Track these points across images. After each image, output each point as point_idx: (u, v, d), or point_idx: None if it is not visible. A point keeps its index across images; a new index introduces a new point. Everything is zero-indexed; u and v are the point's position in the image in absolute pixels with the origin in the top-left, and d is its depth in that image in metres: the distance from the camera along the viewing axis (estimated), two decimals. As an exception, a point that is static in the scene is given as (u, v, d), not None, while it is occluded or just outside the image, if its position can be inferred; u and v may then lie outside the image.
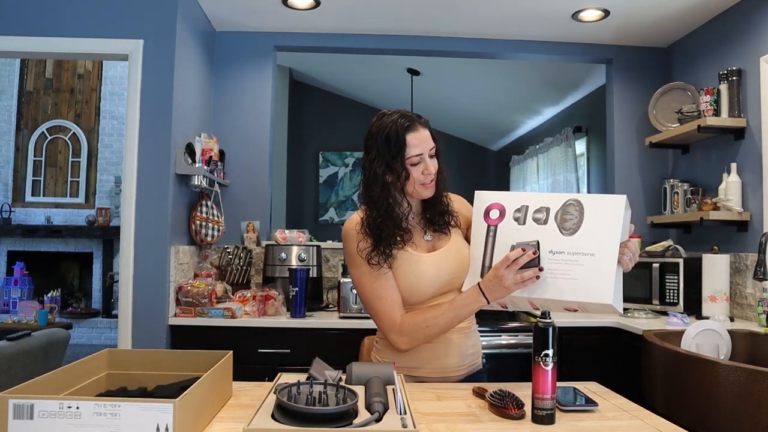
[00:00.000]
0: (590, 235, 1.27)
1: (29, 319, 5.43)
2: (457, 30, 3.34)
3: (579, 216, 1.29)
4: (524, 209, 1.36)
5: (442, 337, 1.46)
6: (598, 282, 1.23)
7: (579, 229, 1.28)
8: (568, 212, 1.30)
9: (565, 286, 1.26)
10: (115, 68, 6.71)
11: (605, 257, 1.24)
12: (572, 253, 1.27)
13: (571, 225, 1.29)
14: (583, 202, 1.30)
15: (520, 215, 1.36)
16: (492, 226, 1.39)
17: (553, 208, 1.33)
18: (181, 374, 1.23)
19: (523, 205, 1.36)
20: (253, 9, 3.08)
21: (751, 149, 2.71)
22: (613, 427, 1.11)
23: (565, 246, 1.28)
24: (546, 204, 1.34)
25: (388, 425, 0.97)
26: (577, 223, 1.29)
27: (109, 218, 6.52)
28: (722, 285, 2.61)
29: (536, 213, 1.34)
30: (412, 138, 1.41)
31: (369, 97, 6.95)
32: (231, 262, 3.11)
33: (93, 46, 2.72)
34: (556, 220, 1.31)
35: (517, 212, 1.36)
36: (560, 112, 5.76)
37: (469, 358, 1.52)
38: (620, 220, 1.25)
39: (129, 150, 2.67)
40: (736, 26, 2.85)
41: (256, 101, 3.37)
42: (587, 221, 1.28)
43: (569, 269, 1.27)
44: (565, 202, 1.32)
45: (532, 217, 1.34)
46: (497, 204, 1.39)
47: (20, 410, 0.88)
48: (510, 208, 1.38)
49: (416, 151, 1.41)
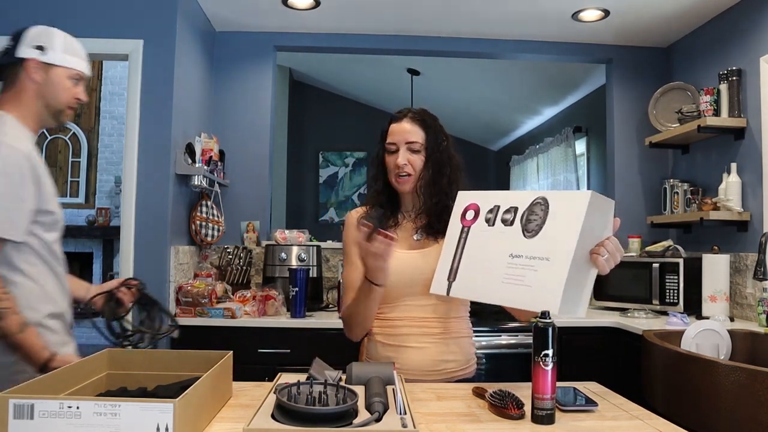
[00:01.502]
0: (549, 236, 1.19)
1: (29, 319, 5.43)
2: (457, 30, 3.34)
3: (543, 216, 1.22)
4: (496, 210, 1.31)
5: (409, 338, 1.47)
6: (547, 290, 1.15)
7: (540, 231, 1.22)
8: (534, 212, 1.24)
9: (517, 293, 1.20)
10: (115, 68, 6.71)
11: (559, 262, 1.15)
12: (530, 258, 1.21)
13: (534, 227, 1.23)
14: (549, 200, 1.22)
15: (491, 216, 1.32)
16: (465, 228, 1.35)
17: (521, 208, 1.27)
18: (181, 374, 1.23)
19: (496, 205, 1.32)
20: (253, 9, 3.08)
21: (751, 149, 2.71)
22: (613, 427, 1.11)
23: (524, 249, 1.22)
24: (515, 203, 1.29)
25: (388, 425, 0.97)
26: (539, 224, 1.22)
27: (109, 218, 6.52)
28: (722, 285, 2.61)
29: (505, 213, 1.29)
30: (393, 127, 1.50)
31: (369, 97, 6.95)
32: (231, 262, 3.11)
33: (93, 46, 2.72)
34: (522, 220, 1.26)
35: (489, 213, 1.32)
36: (560, 112, 5.76)
37: (444, 364, 1.47)
38: (581, 220, 1.15)
39: (129, 150, 2.67)
40: (736, 26, 2.85)
41: (256, 101, 3.37)
42: (549, 222, 1.21)
43: (523, 275, 1.20)
44: (533, 201, 1.25)
45: (501, 218, 1.29)
46: (473, 204, 1.36)
47: (20, 410, 0.88)
48: (484, 208, 1.34)
49: (391, 140, 1.49)
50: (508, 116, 6.45)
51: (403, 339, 1.47)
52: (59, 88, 1.51)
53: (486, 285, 1.27)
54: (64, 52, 1.51)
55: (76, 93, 1.55)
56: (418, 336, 1.47)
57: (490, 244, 1.29)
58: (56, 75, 1.50)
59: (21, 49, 1.47)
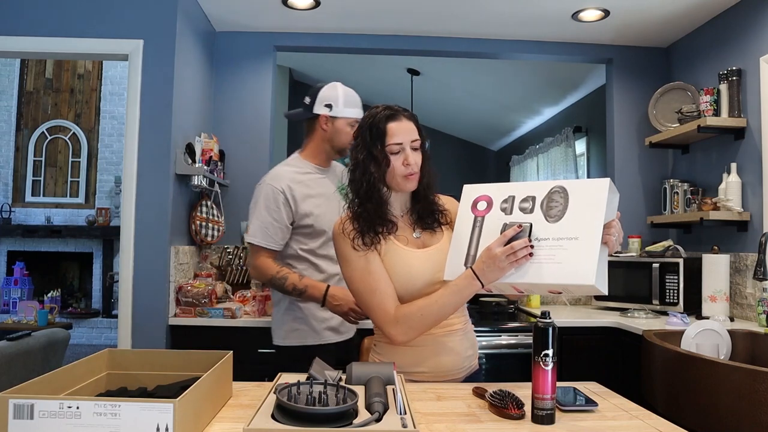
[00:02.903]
0: (575, 219, 1.28)
1: (29, 319, 5.44)
2: (457, 30, 3.34)
3: (564, 203, 1.30)
4: (511, 199, 1.37)
5: (439, 340, 1.46)
6: (581, 264, 1.22)
7: (564, 216, 1.29)
8: (554, 199, 1.31)
9: (549, 270, 1.26)
10: (115, 68, 6.70)
11: (589, 239, 1.24)
12: (557, 239, 1.28)
13: (556, 212, 1.30)
14: (568, 189, 1.31)
15: (507, 205, 1.37)
16: (479, 217, 1.39)
17: (539, 197, 1.34)
18: (181, 374, 1.23)
19: (510, 195, 1.37)
20: (253, 9, 3.08)
21: (751, 149, 2.71)
22: (613, 427, 1.11)
23: (550, 232, 1.29)
24: (532, 193, 1.35)
25: (388, 425, 0.97)
26: (562, 210, 1.30)
27: (109, 218, 6.52)
28: (722, 285, 2.61)
29: (522, 202, 1.35)
30: (393, 126, 1.43)
31: (369, 97, 6.91)
32: (231, 262, 3.11)
33: (93, 46, 2.73)
34: (542, 208, 1.32)
35: (504, 203, 1.37)
36: (560, 112, 5.76)
37: (467, 360, 1.51)
38: (604, 203, 1.26)
39: (129, 150, 2.67)
40: (736, 26, 2.85)
41: (256, 101, 3.37)
42: (572, 207, 1.29)
43: (553, 254, 1.27)
44: (551, 189, 1.33)
45: (519, 207, 1.35)
46: (485, 196, 1.41)
47: (20, 410, 0.88)
48: (497, 199, 1.39)
49: (396, 140, 1.43)
50: (508, 116, 6.45)
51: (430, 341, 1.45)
52: (342, 133, 2.07)
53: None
54: (344, 105, 2.08)
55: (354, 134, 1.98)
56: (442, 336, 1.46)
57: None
58: (339, 124, 2.08)
59: (316, 107, 2.10)
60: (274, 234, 1.98)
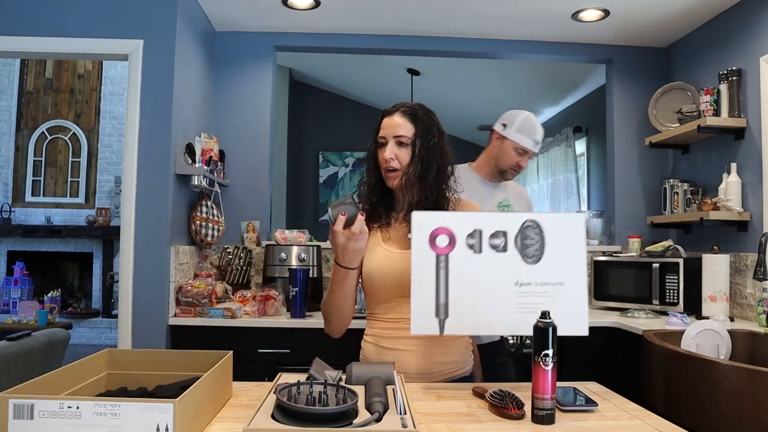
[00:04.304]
0: (556, 261, 1.20)
1: (29, 319, 5.44)
2: (457, 30, 3.34)
3: (540, 240, 1.22)
4: (478, 234, 1.23)
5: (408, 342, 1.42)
6: (573, 314, 1.16)
7: (543, 256, 1.21)
8: (528, 236, 1.22)
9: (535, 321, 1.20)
10: (115, 68, 6.70)
11: (576, 285, 1.18)
12: (541, 284, 1.21)
13: (533, 251, 1.22)
14: (542, 224, 1.23)
15: (474, 241, 1.23)
16: (442, 256, 1.23)
17: (510, 232, 1.23)
18: (181, 374, 1.23)
19: (476, 228, 1.23)
20: (253, 9, 3.08)
21: (751, 149, 2.71)
22: (613, 427, 1.11)
23: (532, 276, 1.22)
24: (502, 227, 1.23)
25: (388, 425, 0.96)
26: (539, 249, 1.22)
27: (109, 218, 6.52)
28: (722, 285, 2.61)
29: (493, 238, 1.23)
30: (384, 121, 1.48)
31: (369, 97, 6.95)
32: (231, 262, 3.11)
33: (93, 46, 2.72)
34: (517, 245, 1.22)
35: (470, 237, 1.23)
36: (560, 112, 5.76)
37: (440, 366, 1.44)
38: (583, 242, 1.20)
39: (129, 150, 2.67)
40: (736, 26, 2.85)
41: (256, 101, 3.37)
42: (550, 245, 1.21)
43: (540, 302, 1.20)
44: (523, 224, 1.23)
45: (490, 244, 1.23)
46: (444, 229, 1.24)
47: (20, 410, 0.88)
48: (461, 233, 1.23)
49: (381, 133, 1.47)
50: (508, 116, 6.45)
51: (397, 342, 1.44)
52: (506, 155, 2.16)
53: (495, 317, 1.23)
54: (517, 130, 2.14)
55: (518, 161, 2.18)
56: (412, 338, 1.40)
57: (483, 273, 1.24)
58: (507, 145, 2.16)
59: (496, 123, 2.23)
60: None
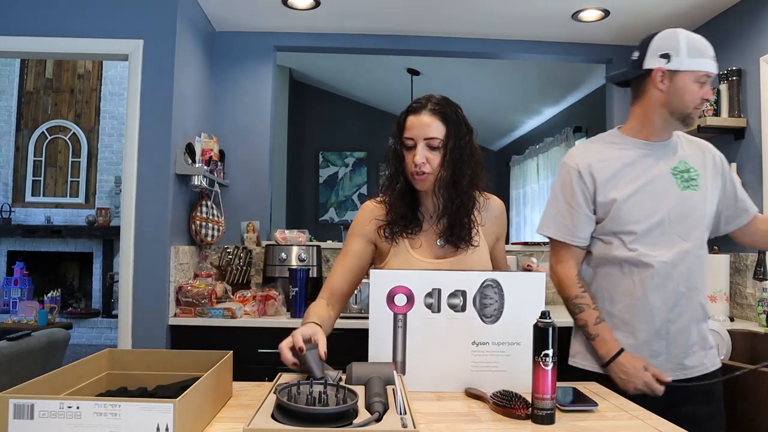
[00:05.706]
0: (514, 321, 1.22)
1: (29, 319, 5.44)
2: (457, 30, 3.34)
3: (499, 299, 1.24)
4: (436, 293, 1.24)
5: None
6: (527, 374, 1.16)
7: (501, 316, 1.23)
8: (487, 295, 1.24)
9: (492, 379, 1.23)
10: (115, 68, 6.70)
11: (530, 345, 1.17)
12: (497, 344, 1.23)
13: (492, 311, 1.23)
14: (502, 283, 1.24)
15: (433, 301, 1.24)
16: (400, 315, 1.25)
17: (470, 291, 1.24)
18: (181, 374, 1.23)
19: (435, 288, 1.24)
20: (253, 9, 3.08)
21: (751, 149, 2.71)
22: (613, 427, 1.11)
23: (488, 336, 1.24)
24: (461, 286, 1.24)
25: (388, 425, 0.96)
26: (498, 309, 1.23)
27: (109, 218, 6.52)
28: (722, 285, 2.61)
29: (451, 298, 1.24)
30: (411, 119, 1.38)
31: (369, 97, 6.95)
32: (231, 262, 3.11)
33: (93, 46, 2.72)
34: (475, 305, 1.23)
35: (429, 297, 1.24)
36: (560, 112, 5.77)
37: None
38: (542, 301, 1.21)
39: (129, 150, 2.67)
40: (736, 26, 2.85)
41: (256, 101, 3.37)
42: (509, 305, 1.23)
43: (495, 361, 1.23)
44: (483, 283, 1.24)
45: (448, 303, 1.24)
46: (402, 288, 1.25)
47: (20, 410, 0.88)
48: (419, 292, 1.24)
49: (408, 134, 1.38)
50: (508, 116, 6.45)
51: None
52: (686, 92, 1.52)
53: (451, 374, 1.26)
54: (689, 55, 1.51)
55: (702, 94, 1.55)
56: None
57: (440, 332, 1.25)
58: (682, 80, 1.52)
59: (647, 61, 1.56)
60: (571, 224, 1.55)
